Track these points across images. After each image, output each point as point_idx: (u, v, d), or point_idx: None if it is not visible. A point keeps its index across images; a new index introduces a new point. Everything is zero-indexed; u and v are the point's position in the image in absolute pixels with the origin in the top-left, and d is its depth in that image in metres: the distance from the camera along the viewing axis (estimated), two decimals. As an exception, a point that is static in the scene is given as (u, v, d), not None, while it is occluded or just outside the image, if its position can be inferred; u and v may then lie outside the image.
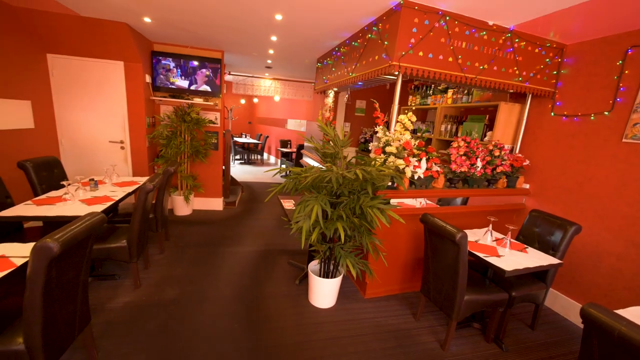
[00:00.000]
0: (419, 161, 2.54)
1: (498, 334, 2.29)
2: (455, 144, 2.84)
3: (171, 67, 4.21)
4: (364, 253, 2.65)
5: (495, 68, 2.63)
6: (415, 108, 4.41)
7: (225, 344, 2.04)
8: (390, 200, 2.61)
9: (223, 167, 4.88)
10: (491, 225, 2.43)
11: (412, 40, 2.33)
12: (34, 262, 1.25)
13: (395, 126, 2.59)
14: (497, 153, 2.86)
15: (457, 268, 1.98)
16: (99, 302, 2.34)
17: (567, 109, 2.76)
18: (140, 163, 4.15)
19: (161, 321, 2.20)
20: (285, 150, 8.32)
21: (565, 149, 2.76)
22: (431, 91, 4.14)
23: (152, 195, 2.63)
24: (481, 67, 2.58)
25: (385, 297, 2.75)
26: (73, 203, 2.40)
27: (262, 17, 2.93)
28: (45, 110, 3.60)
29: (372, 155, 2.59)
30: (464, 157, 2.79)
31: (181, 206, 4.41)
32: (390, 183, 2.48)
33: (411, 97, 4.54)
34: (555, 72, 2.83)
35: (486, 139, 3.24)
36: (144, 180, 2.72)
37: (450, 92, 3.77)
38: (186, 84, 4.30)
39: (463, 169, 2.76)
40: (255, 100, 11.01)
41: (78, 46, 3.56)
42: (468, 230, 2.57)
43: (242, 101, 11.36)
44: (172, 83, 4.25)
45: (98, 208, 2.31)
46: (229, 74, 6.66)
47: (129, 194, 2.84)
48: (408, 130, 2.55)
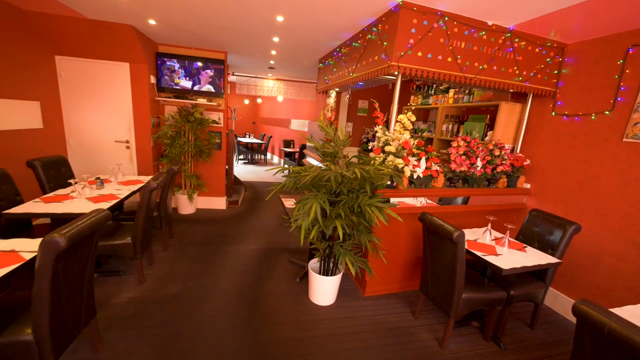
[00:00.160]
0: (418, 160, 2.56)
1: (497, 333, 2.30)
2: (455, 144, 2.86)
3: (176, 68, 4.28)
4: (363, 251, 2.68)
5: (494, 68, 2.64)
6: (416, 108, 4.43)
7: (226, 339, 2.08)
8: (389, 199, 2.64)
9: (226, 167, 4.94)
10: (490, 224, 2.44)
11: (411, 40, 2.36)
12: (42, 256, 1.31)
13: (394, 126, 2.62)
14: (497, 153, 2.87)
15: (455, 266, 1.99)
16: (105, 297, 2.41)
17: (568, 109, 2.76)
18: (145, 162, 4.23)
19: (164, 316, 2.26)
20: (288, 150, 8.38)
21: (566, 149, 2.76)
22: (433, 91, 4.15)
23: (156, 193, 2.69)
24: (480, 67, 2.59)
25: (385, 295, 2.78)
26: (80, 201, 2.47)
27: (264, 19, 2.97)
28: (53, 110, 3.69)
29: (372, 154, 2.61)
30: (464, 157, 2.80)
31: (185, 205, 4.48)
32: (389, 182, 2.50)
33: (413, 97, 4.56)
34: (556, 72, 2.83)
35: (487, 139, 3.25)
36: (149, 179, 2.78)
37: (451, 92, 3.78)
38: (190, 85, 4.37)
39: (463, 169, 2.78)
40: (258, 100, 11.07)
41: (85, 48, 3.64)
42: (468, 229, 2.58)
43: (246, 101, 11.46)
44: (177, 84, 4.32)
45: (104, 205, 2.38)
46: (233, 75, 6.72)
47: (134, 192, 2.91)
48: (407, 129, 2.57)
